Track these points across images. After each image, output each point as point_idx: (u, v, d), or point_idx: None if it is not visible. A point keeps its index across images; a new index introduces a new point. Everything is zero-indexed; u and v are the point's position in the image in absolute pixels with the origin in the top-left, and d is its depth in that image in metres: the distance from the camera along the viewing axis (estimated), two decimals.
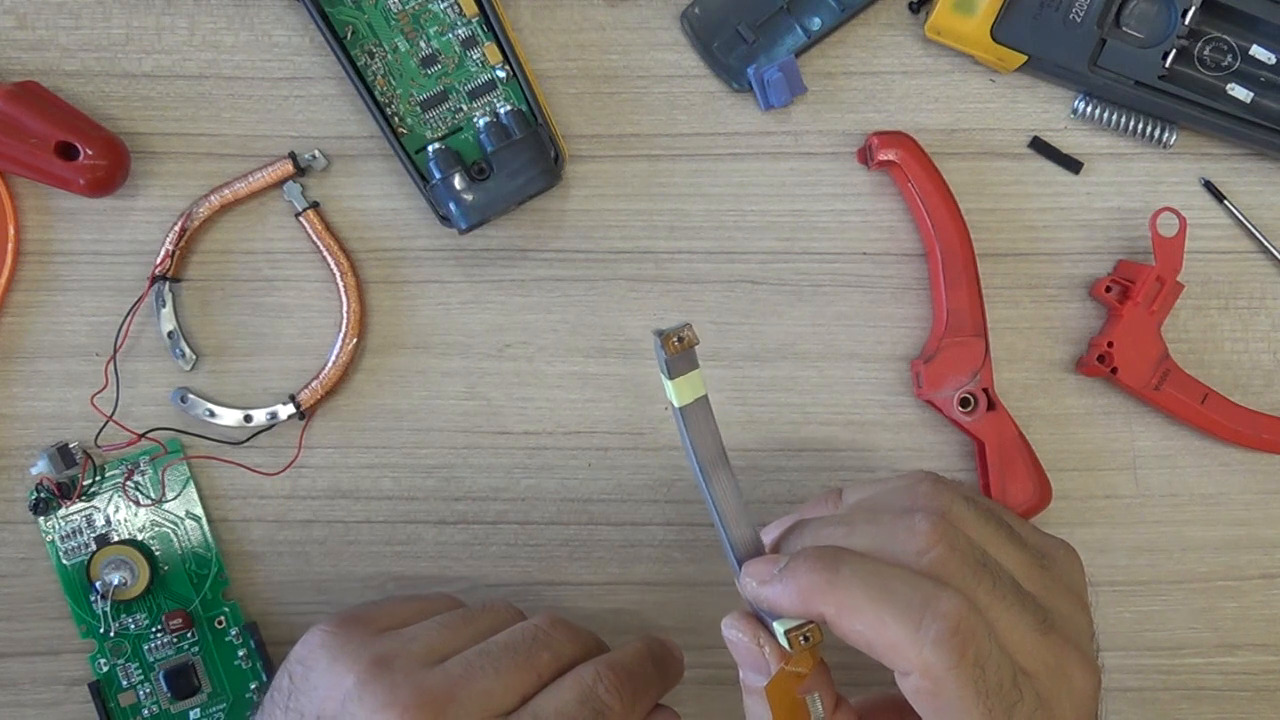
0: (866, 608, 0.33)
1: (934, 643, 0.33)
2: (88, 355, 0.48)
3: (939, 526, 0.35)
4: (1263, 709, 0.49)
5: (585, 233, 0.48)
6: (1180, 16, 0.46)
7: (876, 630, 0.33)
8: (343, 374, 0.48)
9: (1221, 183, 0.49)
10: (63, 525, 0.47)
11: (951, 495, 0.38)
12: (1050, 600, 0.37)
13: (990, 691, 0.33)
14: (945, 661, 0.33)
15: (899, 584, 0.34)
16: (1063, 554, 0.40)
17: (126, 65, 0.48)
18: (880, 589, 0.34)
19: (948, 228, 0.47)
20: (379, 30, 0.47)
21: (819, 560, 0.35)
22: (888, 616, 0.33)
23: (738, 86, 0.48)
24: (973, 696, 0.33)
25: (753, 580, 0.36)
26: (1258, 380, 0.49)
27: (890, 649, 0.33)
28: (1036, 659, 0.35)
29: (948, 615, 0.33)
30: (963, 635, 0.33)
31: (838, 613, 0.34)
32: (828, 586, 0.34)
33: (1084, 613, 0.38)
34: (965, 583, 0.35)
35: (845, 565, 0.34)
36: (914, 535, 0.35)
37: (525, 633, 0.41)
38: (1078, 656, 0.36)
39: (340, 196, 0.48)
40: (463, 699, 0.37)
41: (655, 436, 0.48)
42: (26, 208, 0.48)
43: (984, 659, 0.33)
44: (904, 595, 0.33)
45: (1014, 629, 0.35)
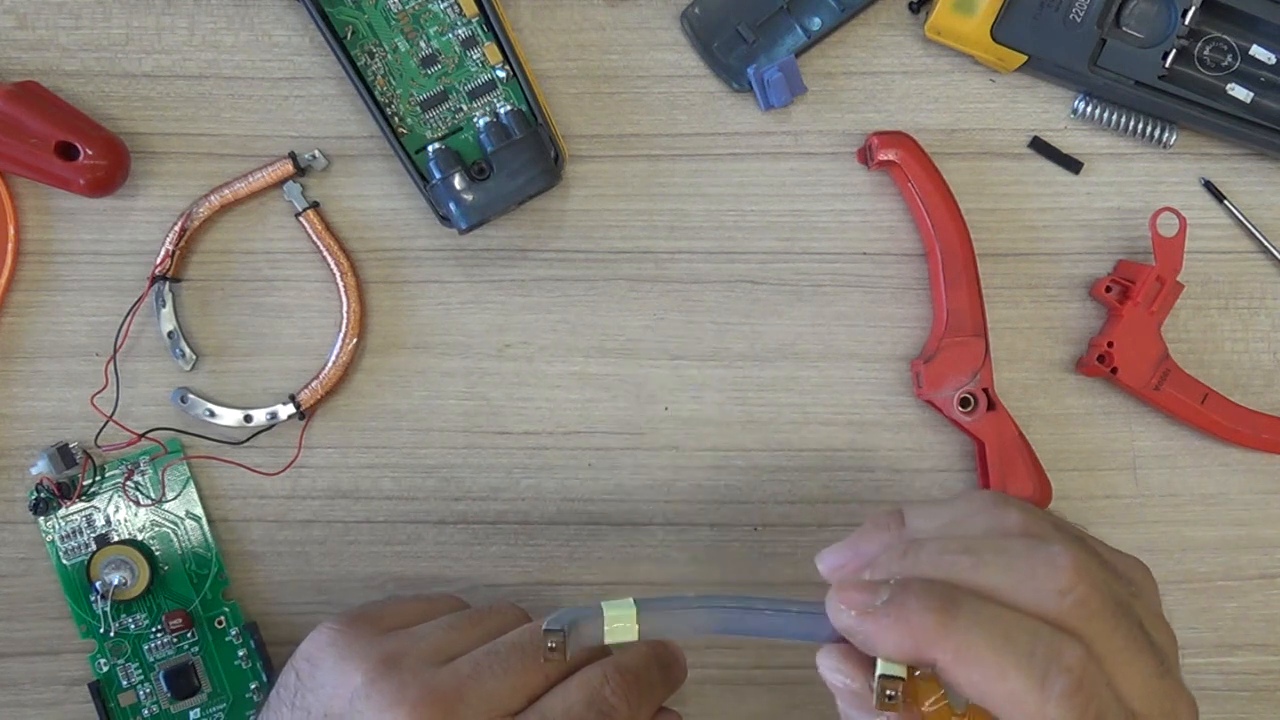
0: (988, 657, 0.31)
1: (1058, 698, 0.31)
2: (88, 355, 0.48)
3: (1079, 561, 0.33)
4: (1263, 709, 0.49)
5: (585, 233, 0.48)
6: (1180, 16, 0.46)
7: (996, 682, 0.31)
8: (343, 374, 0.48)
9: (1221, 183, 0.49)
10: (63, 525, 0.47)
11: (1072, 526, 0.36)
12: (1155, 634, 0.35)
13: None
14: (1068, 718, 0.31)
15: (1021, 632, 0.32)
16: (1141, 575, 0.38)
17: (126, 65, 0.48)
18: (1003, 637, 0.31)
19: (948, 228, 0.47)
20: (379, 30, 0.47)
21: (933, 598, 0.32)
22: (1011, 668, 0.31)
23: (738, 86, 0.48)
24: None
25: (849, 610, 0.33)
26: (1258, 380, 0.49)
27: (1010, 702, 0.31)
28: (1153, 705, 0.33)
29: (1072, 669, 0.31)
30: (1086, 691, 0.31)
31: (954, 660, 0.31)
32: (943, 630, 0.31)
33: (1174, 639, 0.37)
34: (1104, 626, 0.33)
35: (963, 607, 0.32)
36: (1055, 571, 0.33)
37: (532, 633, 0.41)
38: (1185, 697, 0.34)
39: (340, 196, 0.48)
40: (470, 698, 0.38)
41: (655, 436, 0.48)
42: (26, 208, 0.48)
43: (1104, 714, 0.32)
44: (1027, 645, 0.31)
45: (1138, 675, 0.33)
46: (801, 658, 0.49)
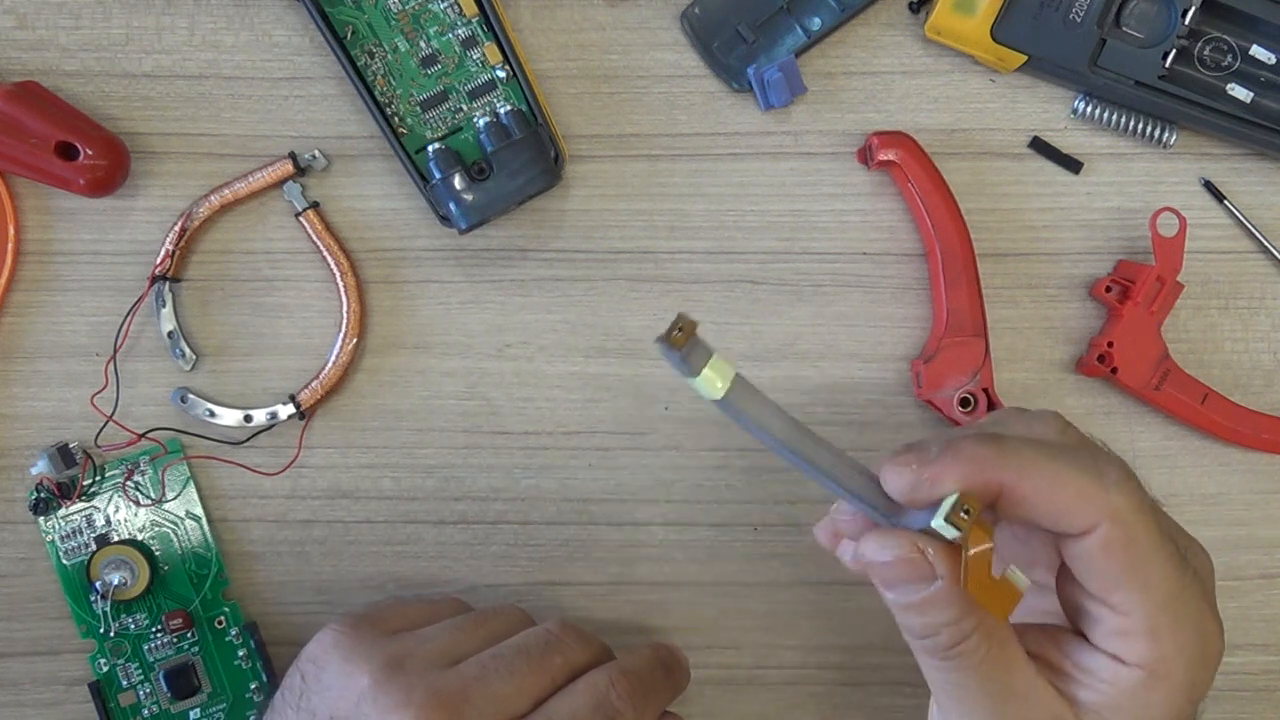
0: (1046, 466, 0.33)
1: (1117, 484, 0.33)
2: (88, 355, 0.48)
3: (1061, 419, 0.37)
4: (1263, 709, 0.49)
5: (585, 233, 0.48)
6: (1180, 16, 0.46)
7: (1058, 485, 0.33)
8: (343, 374, 0.48)
9: (1221, 183, 0.49)
10: (63, 525, 0.47)
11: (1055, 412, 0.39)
12: None
13: (1169, 535, 0.34)
14: (1132, 502, 0.33)
15: (1063, 448, 0.34)
16: None
17: (126, 65, 0.48)
18: (1052, 452, 0.34)
19: (948, 228, 0.47)
20: (379, 30, 0.47)
21: (983, 434, 0.34)
22: (1066, 471, 0.33)
23: (738, 86, 0.48)
24: (1159, 539, 0.33)
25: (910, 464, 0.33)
26: (1258, 380, 0.49)
27: (1075, 501, 0.33)
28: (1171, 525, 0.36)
29: (1119, 465, 0.34)
30: (1134, 481, 0.34)
31: (1019, 476, 0.33)
32: (1000, 455, 0.33)
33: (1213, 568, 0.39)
34: None
35: (1010, 434, 0.35)
36: (1045, 422, 0.36)
37: (538, 637, 0.41)
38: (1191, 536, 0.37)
39: (340, 196, 0.48)
40: (476, 700, 0.38)
41: (655, 436, 0.48)
42: (26, 208, 0.48)
43: (1155, 505, 0.34)
44: (1073, 454, 0.34)
45: None
46: (801, 658, 0.49)
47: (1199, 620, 0.34)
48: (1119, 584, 0.33)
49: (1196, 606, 0.34)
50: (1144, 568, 0.33)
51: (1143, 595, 0.33)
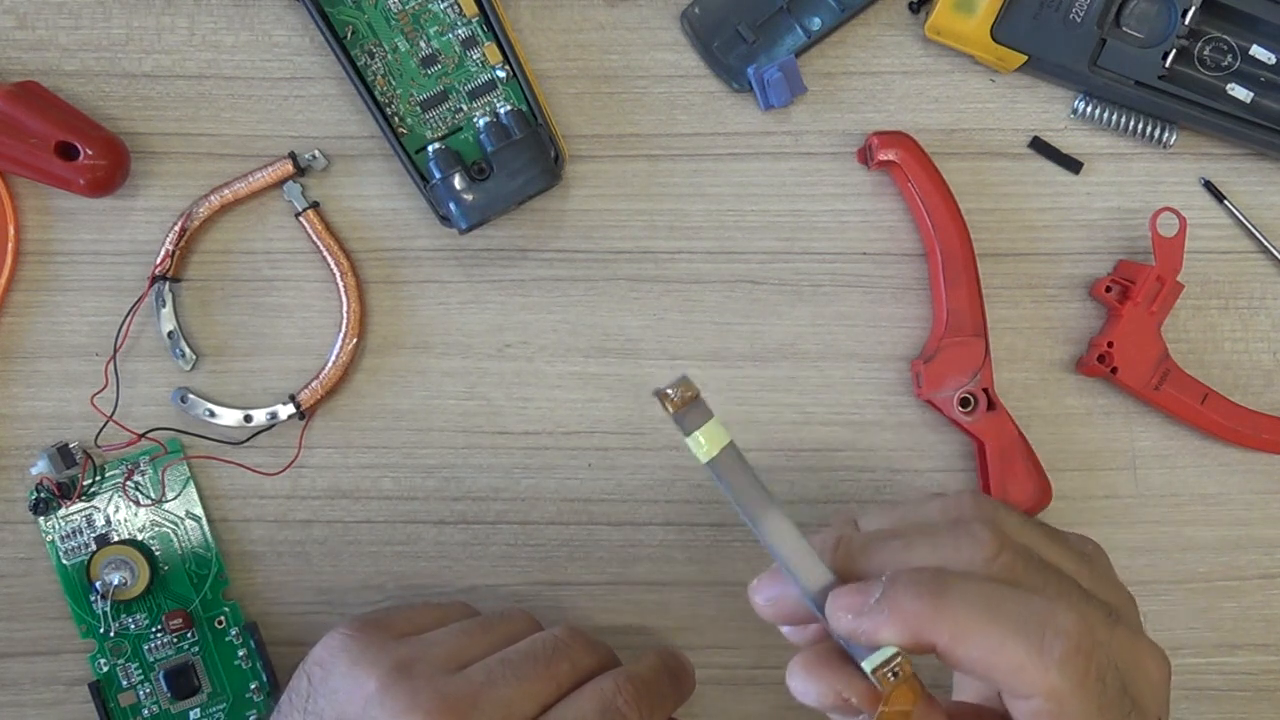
0: (984, 630, 0.31)
1: (1059, 662, 0.31)
2: (88, 355, 0.48)
3: (996, 532, 0.34)
4: (1263, 709, 0.49)
5: (585, 233, 0.48)
6: (1180, 16, 0.46)
7: (996, 655, 0.31)
8: (343, 374, 0.48)
9: (1221, 183, 0.49)
10: (63, 525, 0.47)
11: (993, 503, 0.37)
12: (1104, 593, 0.35)
13: (1110, 705, 0.32)
14: (1072, 682, 0.31)
15: (1011, 603, 0.32)
16: (1093, 549, 0.39)
17: (126, 65, 0.48)
18: (995, 610, 0.32)
19: (948, 228, 0.47)
20: (379, 30, 0.47)
21: (921, 584, 0.32)
22: (1008, 639, 0.31)
23: (738, 86, 0.48)
24: (1095, 713, 0.32)
25: (847, 614, 0.33)
26: (1258, 380, 0.49)
27: (1012, 673, 0.31)
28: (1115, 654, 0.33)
29: (1069, 632, 0.32)
30: (1084, 652, 0.32)
31: (952, 640, 0.32)
32: (936, 612, 0.32)
33: (1131, 601, 0.37)
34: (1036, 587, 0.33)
35: (952, 587, 0.32)
36: (977, 543, 0.34)
37: (545, 642, 0.41)
38: (1146, 645, 0.35)
39: (340, 196, 0.48)
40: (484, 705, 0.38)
41: (655, 436, 0.48)
42: (26, 208, 0.48)
43: (1104, 673, 0.32)
44: (1018, 614, 0.32)
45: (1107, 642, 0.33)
46: None
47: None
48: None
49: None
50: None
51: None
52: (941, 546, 0.34)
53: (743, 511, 0.35)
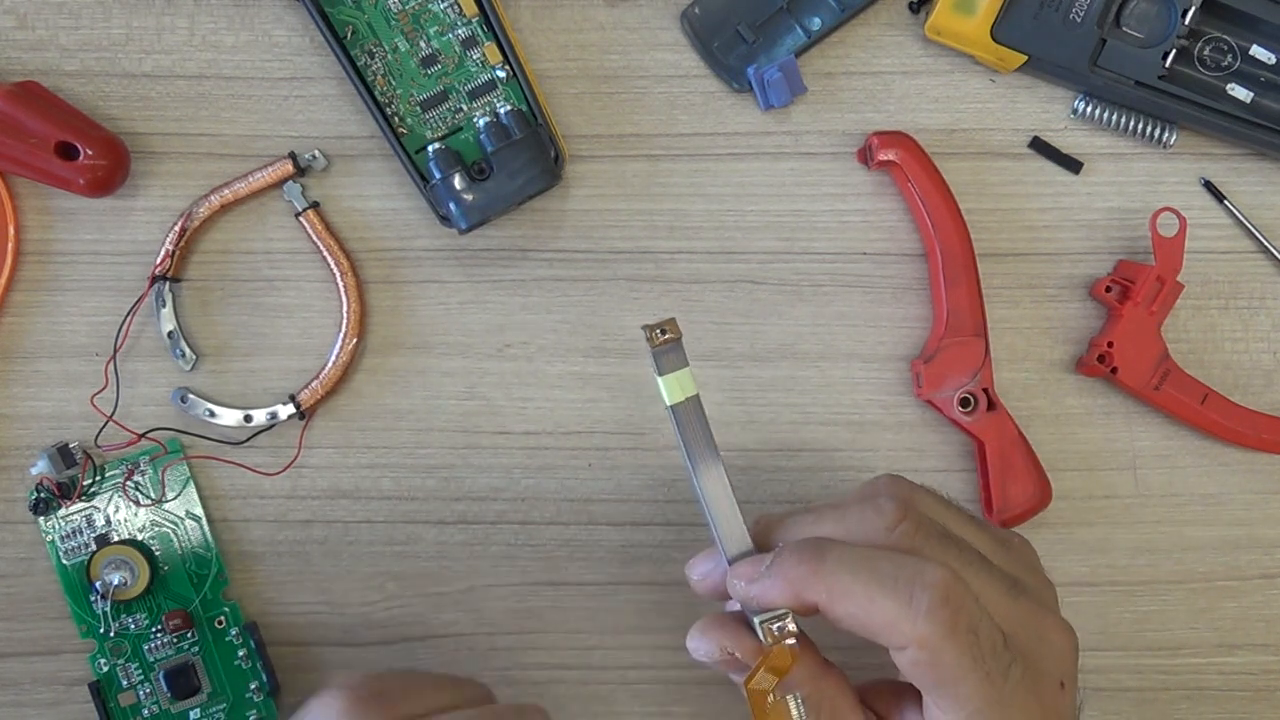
0: (856, 589, 0.34)
1: (927, 613, 0.33)
2: (88, 355, 0.48)
3: (901, 504, 0.37)
4: (1263, 709, 0.49)
5: (585, 233, 0.48)
6: (1180, 16, 0.46)
7: (869, 610, 0.34)
8: (343, 374, 0.48)
9: (1221, 183, 0.49)
10: (63, 525, 0.47)
11: (910, 484, 0.39)
12: (1015, 571, 0.38)
13: (985, 656, 0.34)
14: (940, 630, 0.33)
15: (883, 562, 0.35)
16: (1019, 541, 0.41)
17: (126, 65, 0.48)
18: (867, 569, 0.34)
19: (948, 228, 0.47)
20: (379, 30, 0.47)
21: (804, 550, 0.36)
22: (878, 595, 0.34)
23: (738, 86, 0.48)
24: (970, 662, 0.34)
25: (741, 580, 0.36)
26: (1258, 380, 0.49)
27: (884, 626, 0.34)
28: (1015, 622, 0.36)
29: (935, 585, 0.34)
30: (953, 604, 0.34)
31: (829, 598, 0.34)
32: (815, 575, 0.35)
33: (1049, 586, 0.40)
34: (935, 553, 0.36)
35: (830, 552, 0.35)
36: (879, 514, 0.36)
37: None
38: (1052, 619, 0.37)
39: (340, 196, 0.48)
40: None
41: (655, 436, 0.48)
42: (26, 208, 0.48)
43: (976, 625, 0.34)
44: (890, 572, 0.34)
45: (988, 593, 0.35)
46: None
47: None
48: (930, 694, 0.35)
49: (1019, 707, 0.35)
50: (954, 686, 0.34)
51: (955, 706, 0.35)
52: (847, 519, 0.37)
53: (689, 464, 0.37)
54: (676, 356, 0.37)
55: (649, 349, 0.37)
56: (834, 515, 0.37)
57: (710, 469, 0.37)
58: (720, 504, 0.38)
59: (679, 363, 0.37)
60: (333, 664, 0.48)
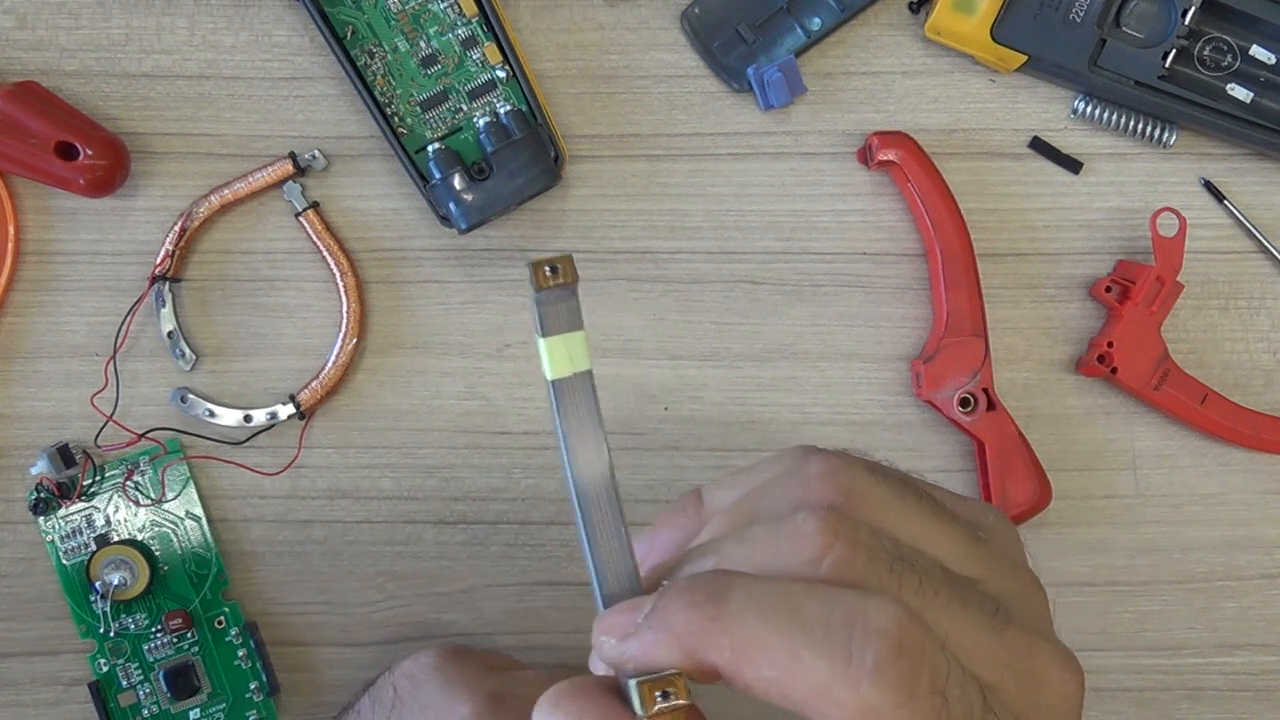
0: (772, 643, 0.24)
1: (873, 673, 0.23)
2: (88, 355, 0.48)
3: (830, 521, 0.26)
4: (1263, 709, 0.49)
5: (585, 233, 0.48)
6: (1180, 16, 0.46)
7: (790, 673, 0.24)
8: (343, 374, 0.48)
9: (1221, 183, 0.49)
10: (63, 525, 0.47)
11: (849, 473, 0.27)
12: (998, 583, 0.27)
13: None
14: (893, 698, 0.23)
15: (809, 600, 0.24)
16: (994, 520, 0.30)
17: (126, 65, 0.48)
18: (786, 612, 0.24)
19: (948, 228, 0.47)
20: (379, 30, 0.47)
21: (697, 591, 0.25)
22: (803, 650, 0.24)
23: (738, 86, 0.48)
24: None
25: (610, 638, 0.26)
26: (1258, 380, 0.49)
27: (813, 695, 0.24)
28: (999, 666, 0.26)
29: (884, 631, 0.23)
30: (910, 656, 0.23)
31: (734, 658, 0.25)
32: (714, 624, 0.25)
33: (1039, 592, 0.29)
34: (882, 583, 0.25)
35: (734, 590, 0.25)
36: (800, 540, 0.25)
37: None
38: (1050, 651, 0.27)
39: (340, 196, 0.48)
40: None
41: (655, 436, 0.48)
42: (26, 208, 0.48)
43: (942, 682, 0.24)
44: (819, 615, 0.24)
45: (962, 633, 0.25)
46: None
47: None
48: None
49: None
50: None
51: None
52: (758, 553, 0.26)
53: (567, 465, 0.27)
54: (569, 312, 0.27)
55: (532, 293, 0.27)
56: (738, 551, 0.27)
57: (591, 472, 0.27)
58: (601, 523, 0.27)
59: (572, 322, 0.27)
60: (333, 664, 0.48)
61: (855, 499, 0.27)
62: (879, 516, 0.27)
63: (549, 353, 0.27)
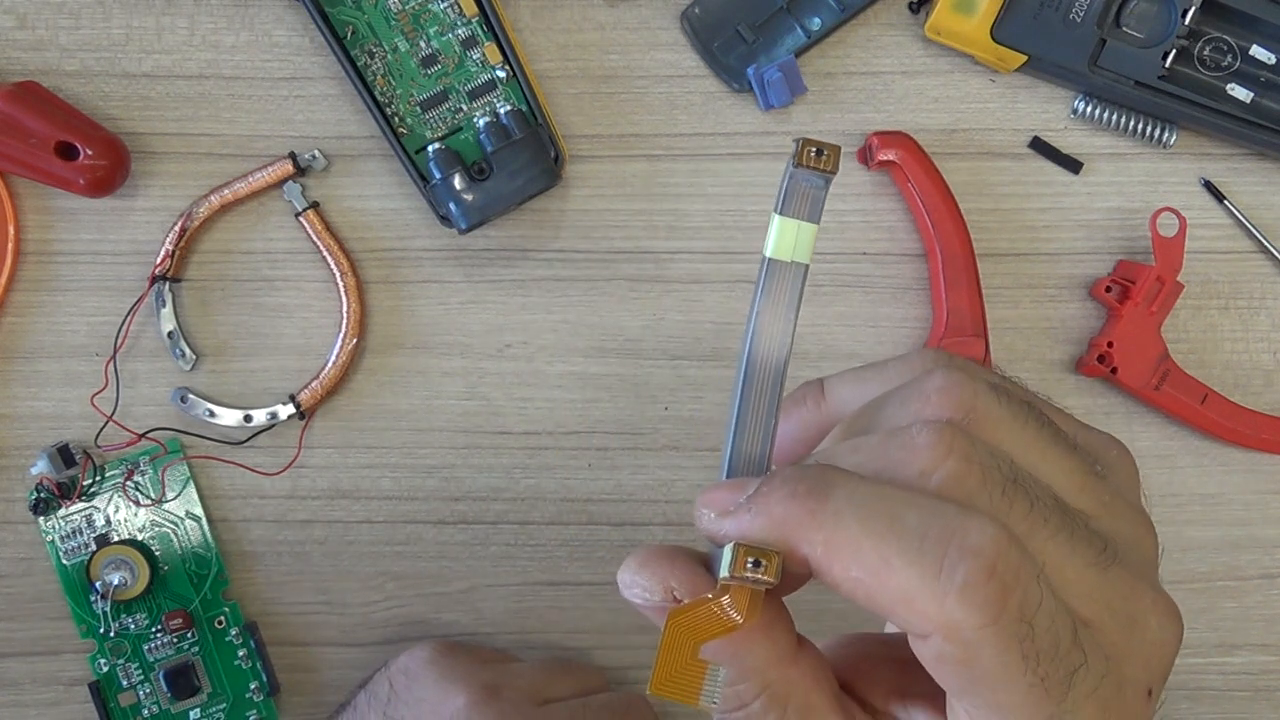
0: (865, 545, 0.24)
1: (961, 591, 0.23)
2: (88, 355, 0.48)
3: (946, 435, 0.25)
4: (1263, 709, 0.49)
5: (585, 233, 0.48)
6: (1180, 16, 0.46)
7: (880, 577, 0.24)
8: (343, 374, 0.48)
9: (1221, 183, 0.49)
10: (63, 525, 0.47)
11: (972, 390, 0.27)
12: (1109, 521, 0.27)
13: (1043, 655, 0.24)
14: (978, 618, 0.23)
15: (911, 511, 0.24)
16: (1116, 455, 0.29)
17: (126, 65, 0.48)
18: (885, 518, 0.24)
19: (948, 228, 0.47)
20: (379, 30, 0.47)
21: (801, 482, 0.25)
22: (895, 557, 0.24)
23: (738, 86, 0.48)
24: (1017, 665, 0.24)
25: (710, 511, 0.26)
26: (1258, 380, 0.49)
27: (900, 603, 0.24)
28: (1098, 603, 0.26)
29: (980, 551, 0.23)
30: (1001, 579, 0.23)
31: (826, 553, 0.24)
32: (811, 518, 0.24)
33: (1150, 534, 0.28)
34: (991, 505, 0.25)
35: (837, 489, 0.25)
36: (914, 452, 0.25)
37: (620, 700, 0.43)
38: (1152, 597, 0.27)
39: (340, 196, 0.48)
40: None
41: (655, 436, 0.48)
42: (26, 208, 0.48)
43: (1031, 610, 0.24)
44: (917, 526, 0.24)
45: (1065, 565, 0.25)
46: None
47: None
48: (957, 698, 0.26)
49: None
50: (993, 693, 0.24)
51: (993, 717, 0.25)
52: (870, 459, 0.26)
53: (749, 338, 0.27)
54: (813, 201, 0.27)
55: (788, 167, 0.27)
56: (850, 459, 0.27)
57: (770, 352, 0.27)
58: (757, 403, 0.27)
59: (812, 212, 0.27)
60: (333, 664, 0.48)
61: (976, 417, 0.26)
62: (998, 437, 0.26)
63: (779, 232, 0.27)
